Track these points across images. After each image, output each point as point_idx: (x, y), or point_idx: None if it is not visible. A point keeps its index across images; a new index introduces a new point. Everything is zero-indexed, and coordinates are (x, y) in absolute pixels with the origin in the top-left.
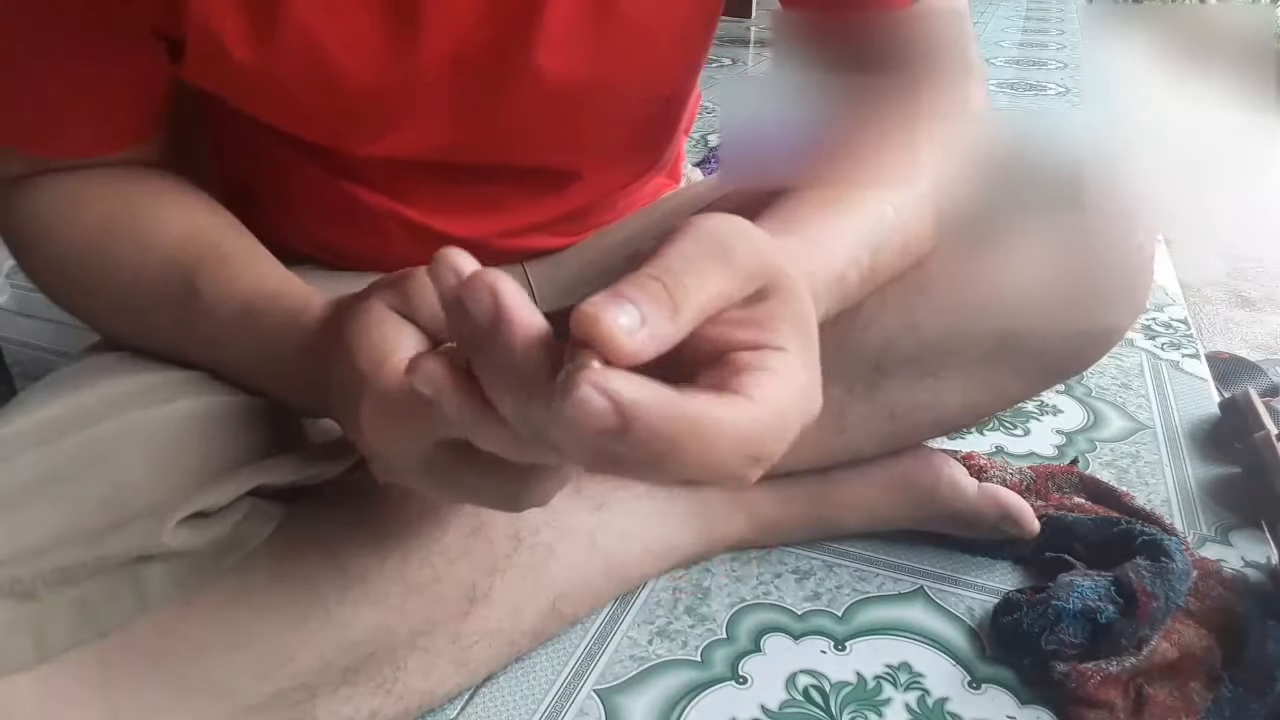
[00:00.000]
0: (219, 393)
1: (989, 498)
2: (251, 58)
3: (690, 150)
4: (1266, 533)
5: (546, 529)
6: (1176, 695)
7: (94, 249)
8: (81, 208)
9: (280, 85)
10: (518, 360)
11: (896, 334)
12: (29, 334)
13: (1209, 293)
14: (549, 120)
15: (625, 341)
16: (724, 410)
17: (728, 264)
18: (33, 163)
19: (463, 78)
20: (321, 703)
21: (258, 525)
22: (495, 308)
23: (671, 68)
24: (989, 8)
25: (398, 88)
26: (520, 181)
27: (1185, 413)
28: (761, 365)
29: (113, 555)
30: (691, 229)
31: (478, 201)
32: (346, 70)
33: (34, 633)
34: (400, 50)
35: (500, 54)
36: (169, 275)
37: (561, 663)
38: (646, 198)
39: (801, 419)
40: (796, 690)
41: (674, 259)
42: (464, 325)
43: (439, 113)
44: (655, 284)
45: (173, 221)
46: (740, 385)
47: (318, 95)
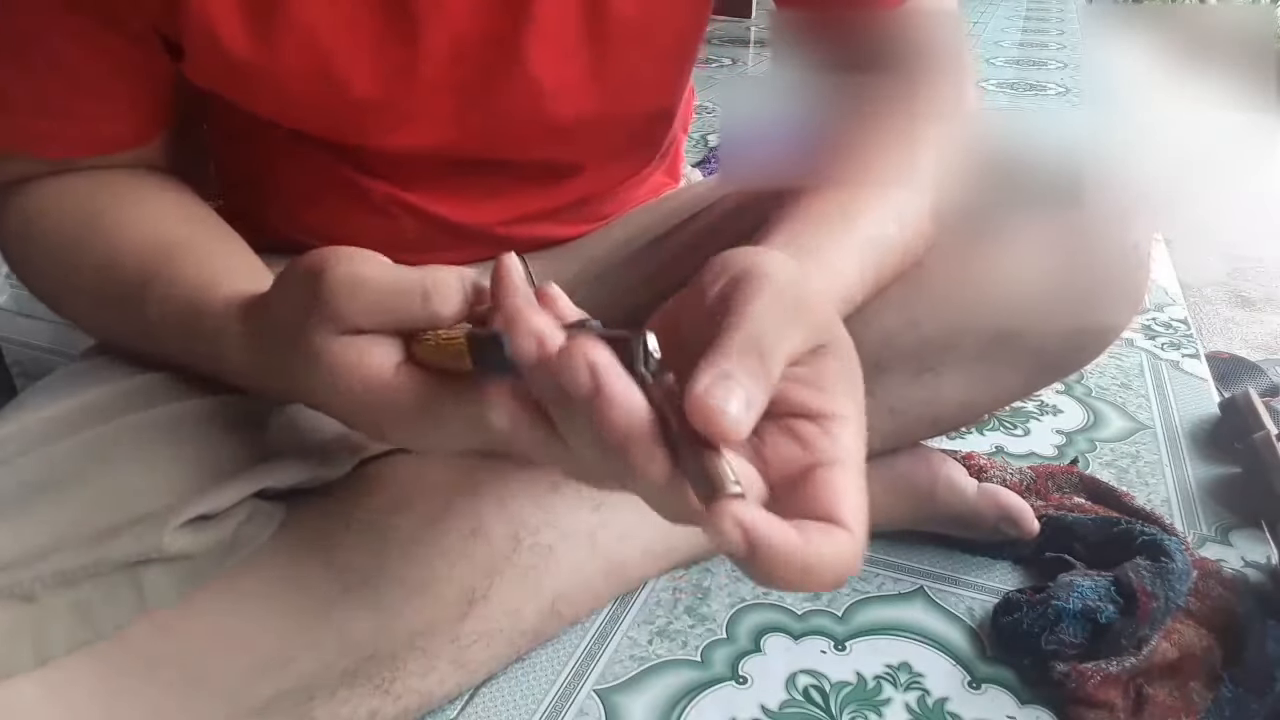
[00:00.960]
0: (219, 394)
1: (988, 498)
2: (250, 55)
3: (690, 150)
4: (1266, 533)
5: (546, 529)
6: (1176, 695)
7: (70, 248)
8: (65, 208)
9: (279, 82)
10: (610, 432)
11: (896, 331)
12: (29, 334)
13: (1209, 293)
14: (546, 118)
15: (741, 431)
16: (832, 548)
17: (801, 323)
18: (29, 165)
19: (460, 76)
20: (320, 704)
21: (259, 527)
22: (594, 385)
23: (663, 64)
24: (989, 8)
25: (396, 86)
26: (521, 174)
27: (1185, 413)
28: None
29: (112, 558)
30: (767, 285)
31: (480, 190)
32: (345, 68)
33: (33, 636)
34: (398, 48)
35: (495, 52)
36: (128, 277)
37: (561, 663)
38: (647, 194)
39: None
40: (796, 690)
41: (760, 322)
42: (550, 390)
43: (438, 111)
44: (753, 360)
45: (142, 222)
46: (834, 507)
47: (316, 93)
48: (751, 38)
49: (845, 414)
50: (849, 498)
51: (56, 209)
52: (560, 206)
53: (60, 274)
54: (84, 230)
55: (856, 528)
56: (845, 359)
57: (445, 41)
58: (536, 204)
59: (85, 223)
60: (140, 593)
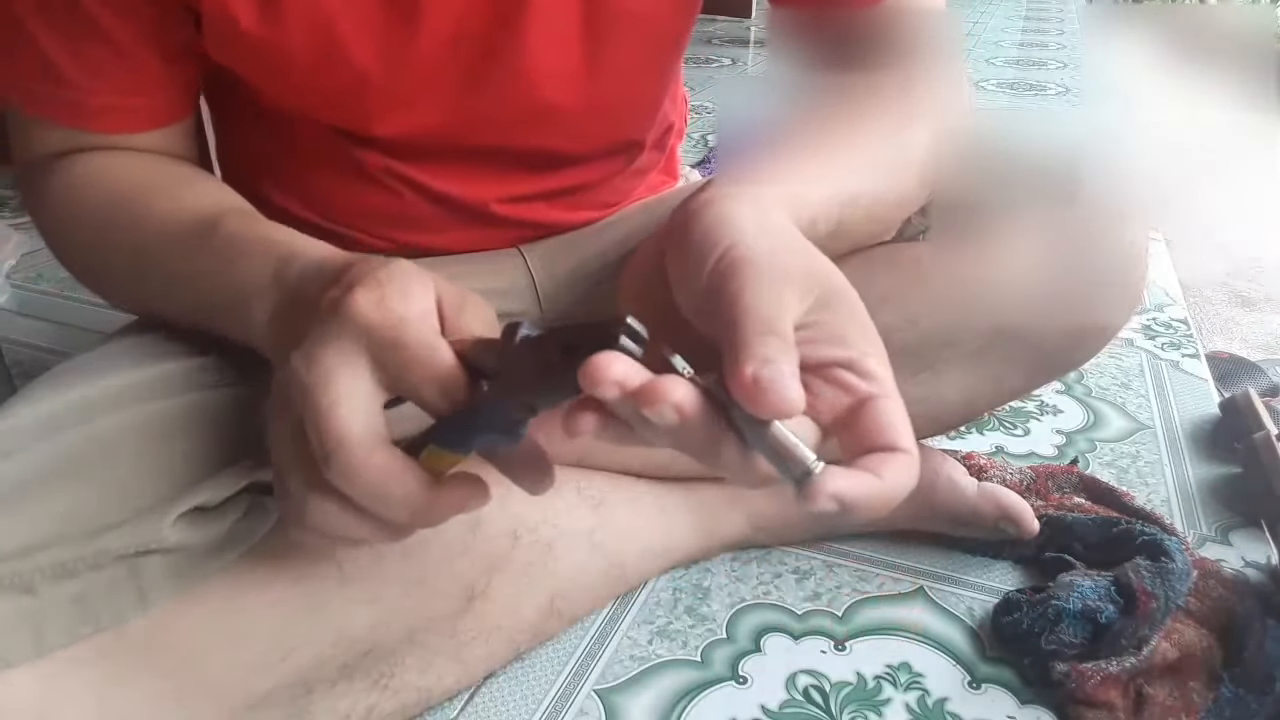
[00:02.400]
0: (220, 388)
1: (988, 497)
2: (259, 30)
3: (690, 150)
4: (1266, 533)
5: (545, 527)
6: (1176, 695)
7: (127, 203)
8: (117, 171)
9: (287, 59)
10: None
11: (895, 328)
12: (29, 334)
13: (1209, 293)
14: (539, 103)
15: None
16: (904, 475)
17: (792, 290)
18: (70, 139)
19: (461, 56)
20: (318, 698)
21: (257, 521)
22: (680, 419)
23: (653, 55)
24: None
25: (398, 65)
26: (515, 160)
27: (1185, 413)
28: (875, 392)
29: (112, 550)
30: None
31: (476, 169)
32: (351, 46)
33: (33, 627)
34: (401, 28)
35: (496, 35)
36: (199, 221)
37: (561, 663)
38: (646, 192)
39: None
40: (796, 690)
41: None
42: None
43: (438, 91)
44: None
45: (208, 189)
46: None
47: (323, 71)
48: (751, 38)
49: (866, 351)
50: (898, 422)
51: (104, 178)
52: (556, 190)
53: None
54: (151, 184)
55: (912, 448)
56: (842, 300)
57: (448, 21)
58: (533, 187)
59: (150, 181)
60: (140, 586)
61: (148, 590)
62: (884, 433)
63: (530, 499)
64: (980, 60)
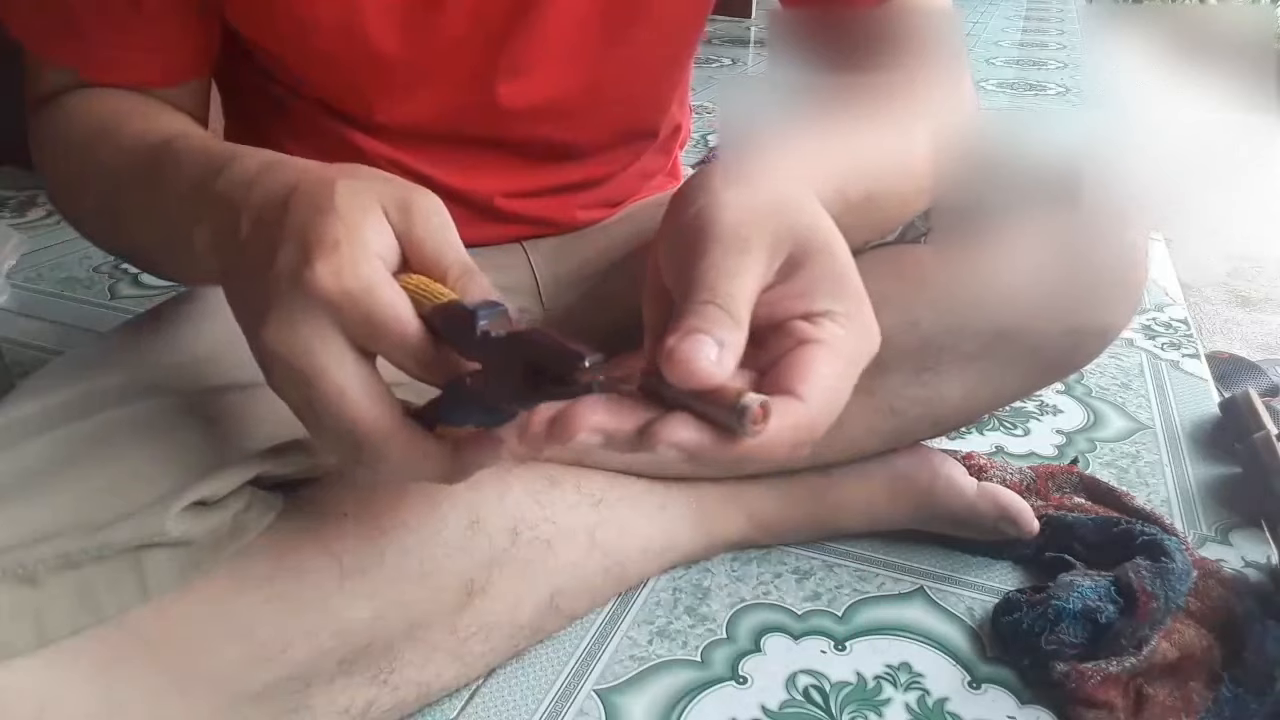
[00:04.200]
0: (222, 383)
1: (988, 497)
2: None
3: (690, 150)
4: (1266, 533)
5: (545, 524)
6: (1176, 695)
7: (106, 132)
8: (106, 100)
9: (309, 31)
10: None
11: (896, 330)
12: (29, 334)
13: (1209, 293)
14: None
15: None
16: (779, 420)
17: (748, 253)
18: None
19: (479, 42)
20: (318, 692)
21: (258, 515)
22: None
23: (665, 51)
24: (989, 8)
25: (419, 47)
26: (521, 152)
27: (1185, 413)
28: (812, 337)
29: (115, 542)
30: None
31: (481, 162)
32: (372, 23)
33: (35, 618)
34: (423, 9)
35: (515, 21)
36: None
37: (561, 662)
38: (650, 192)
39: (861, 366)
40: (796, 690)
41: (710, 275)
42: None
43: (455, 77)
44: (712, 309)
45: (180, 117)
46: (792, 380)
47: (342, 46)
48: (751, 38)
49: (830, 309)
50: (811, 369)
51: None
52: (560, 185)
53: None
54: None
55: (812, 398)
56: (818, 257)
57: (470, 3)
58: (535, 182)
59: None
60: (142, 577)
61: (150, 582)
62: (790, 376)
63: (530, 497)
64: (980, 60)
